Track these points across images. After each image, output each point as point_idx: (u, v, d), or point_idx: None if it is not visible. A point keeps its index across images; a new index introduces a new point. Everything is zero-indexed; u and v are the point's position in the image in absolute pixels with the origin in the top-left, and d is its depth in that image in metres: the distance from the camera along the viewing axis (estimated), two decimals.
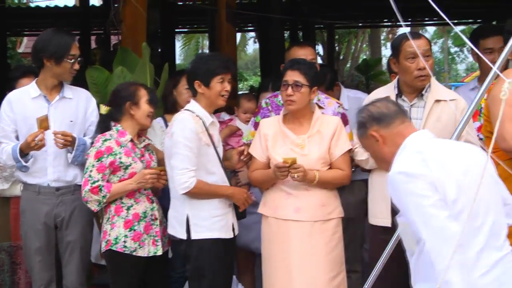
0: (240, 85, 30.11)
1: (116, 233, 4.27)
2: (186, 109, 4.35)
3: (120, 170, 4.30)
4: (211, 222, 4.30)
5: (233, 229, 4.40)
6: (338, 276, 4.32)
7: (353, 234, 5.07)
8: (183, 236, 4.28)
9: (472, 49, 5.00)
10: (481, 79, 5.12)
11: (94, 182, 4.25)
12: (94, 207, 4.31)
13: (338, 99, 5.47)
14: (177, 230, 4.32)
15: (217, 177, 4.34)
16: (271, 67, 9.43)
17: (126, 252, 4.26)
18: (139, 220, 4.30)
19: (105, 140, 4.31)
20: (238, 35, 27.32)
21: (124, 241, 4.25)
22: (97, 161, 4.27)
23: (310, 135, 4.35)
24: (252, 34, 29.12)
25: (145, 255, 4.30)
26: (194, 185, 4.19)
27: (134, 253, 4.27)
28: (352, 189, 5.14)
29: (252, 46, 38.21)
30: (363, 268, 5.66)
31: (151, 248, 4.32)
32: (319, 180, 4.26)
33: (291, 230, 4.29)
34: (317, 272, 4.26)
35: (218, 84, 4.27)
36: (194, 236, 4.25)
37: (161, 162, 4.49)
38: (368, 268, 4.68)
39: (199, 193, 4.24)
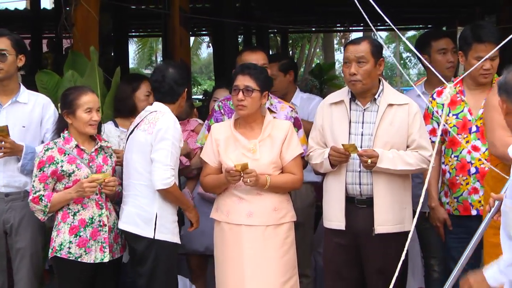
0: (194, 90, 30.07)
1: (61, 240, 4.22)
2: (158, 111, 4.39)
3: (64, 178, 4.25)
4: (174, 226, 4.35)
5: None
6: (290, 280, 4.32)
7: (302, 239, 5.08)
8: (149, 234, 4.26)
9: (421, 53, 5.06)
10: (428, 84, 5.19)
11: (35, 192, 4.23)
12: (40, 216, 4.29)
13: (292, 98, 5.52)
14: (141, 228, 4.29)
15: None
16: (225, 72, 9.42)
17: (70, 258, 4.21)
18: (85, 226, 4.25)
19: (47, 150, 4.27)
20: (192, 39, 27.28)
21: (69, 247, 4.20)
22: (39, 171, 4.24)
23: (261, 139, 4.35)
24: (207, 38, 29.13)
25: (91, 262, 4.25)
26: (173, 183, 4.24)
27: (79, 259, 4.22)
28: (300, 193, 5.16)
29: (206, 51, 38.23)
30: (315, 273, 5.70)
31: (98, 255, 4.26)
32: (270, 185, 4.26)
33: (243, 235, 4.29)
34: (270, 276, 4.26)
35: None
36: (158, 236, 4.26)
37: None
38: (322, 272, 4.71)
39: (172, 193, 4.28)
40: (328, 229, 4.37)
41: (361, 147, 4.20)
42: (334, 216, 4.30)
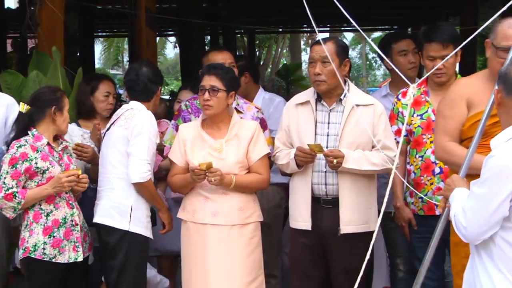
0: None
1: (34, 240, 4.19)
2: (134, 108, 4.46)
3: (37, 175, 4.22)
4: (147, 221, 4.44)
5: None
6: (256, 280, 4.34)
7: (269, 239, 5.09)
8: (124, 226, 4.34)
9: (385, 55, 5.10)
10: (392, 85, 5.24)
11: (8, 189, 4.17)
12: (9, 214, 4.22)
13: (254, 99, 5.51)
14: (116, 220, 4.36)
15: None
16: (192, 72, 9.40)
17: (45, 259, 4.19)
18: (58, 226, 4.23)
19: (20, 146, 4.22)
20: (158, 39, 27.17)
21: (43, 248, 4.18)
22: (12, 168, 4.18)
23: (228, 139, 4.36)
24: (173, 38, 29.02)
25: (65, 262, 4.25)
26: (149, 178, 4.31)
27: (53, 260, 4.21)
28: (267, 194, 5.16)
29: (173, 51, 38.10)
30: (283, 273, 5.71)
31: (72, 254, 4.27)
32: (236, 184, 4.28)
33: (208, 234, 4.30)
34: (235, 276, 4.27)
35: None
36: (133, 229, 4.34)
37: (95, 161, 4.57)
38: (288, 272, 4.72)
39: (148, 188, 4.37)
40: (294, 229, 4.39)
41: (327, 147, 4.22)
42: (300, 216, 4.32)
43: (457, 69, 4.62)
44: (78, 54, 11.78)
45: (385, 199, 3.01)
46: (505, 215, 2.87)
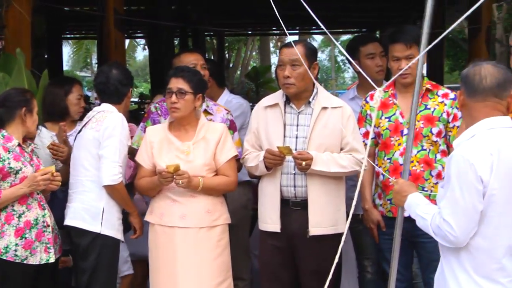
0: None
1: (6, 242, 4.17)
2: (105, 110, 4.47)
3: (10, 175, 4.19)
4: (118, 223, 4.44)
5: None
6: (224, 283, 4.33)
7: (237, 241, 5.09)
8: (95, 229, 4.33)
9: (352, 58, 5.13)
10: (360, 88, 5.27)
11: None
12: None
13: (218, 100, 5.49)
14: (88, 222, 4.36)
15: None
16: (161, 74, 9.35)
17: (17, 260, 4.17)
18: (30, 227, 4.22)
19: None
20: (128, 41, 27.05)
21: (15, 250, 4.17)
22: None
23: (195, 141, 4.36)
24: (143, 40, 28.89)
25: (37, 263, 4.23)
26: (120, 181, 4.33)
27: (25, 262, 4.19)
28: (232, 195, 5.14)
29: (142, 53, 37.94)
30: (251, 275, 5.71)
31: (43, 256, 4.25)
32: (203, 187, 4.27)
33: (176, 237, 4.29)
34: (203, 278, 4.27)
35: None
36: (104, 231, 4.35)
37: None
38: (258, 274, 4.72)
39: (119, 191, 4.38)
40: (263, 231, 4.39)
41: (295, 149, 4.23)
42: (269, 219, 4.32)
43: (424, 71, 4.65)
44: (46, 56, 11.67)
45: (354, 201, 3.02)
46: (481, 209, 2.94)
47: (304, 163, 4.13)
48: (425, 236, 3.40)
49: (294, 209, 4.27)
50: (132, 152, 4.65)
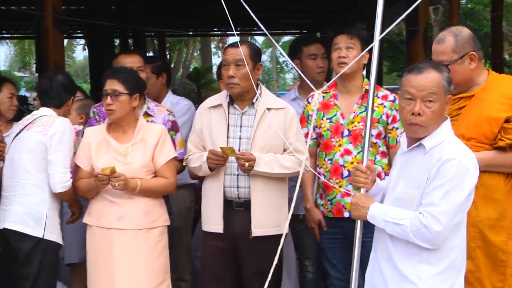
0: None
1: None
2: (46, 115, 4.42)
3: None
4: (59, 228, 4.42)
5: None
6: (162, 285, 4.32)
7: (180, 243, 5.07)
8: (38, 234, 4.29)
9: (294, 58, 5.18)
10: (301, 89, 5.31)
11: None
12: None
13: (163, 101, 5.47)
14: (30, 227, 4.30)
15: None
16: (101, 75, 9.25)
17: None
18: None
19: None
20: (66, 41, 26.66)
21: None
22: None
23: (134, 143, 4.33)
24: (82, 41, 28.51)
25: None
26: (70, 186, 4.31)
27: None
28: (176, 197, 5.13)
29: (82, 53, 37.43)
30: (194, 277, 5.70)
31: None
32: (141, 188, 4.25)
33: (114, 239, 4.26)
34: (141, 280, 4.25)
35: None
36: (47, 236, 4.31)
37: None
38: (200, 276, 4.72)
39: (68, 195, 4.37)
40: (206, 232, 4.38)
41: (239, 150, 4.24)
42: (213, 220, 4.32)
43: (364, 72, 4.70)
44: None
45: (293, 202, 3.05)
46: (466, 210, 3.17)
47: (247, 164, 4.14)
48: (366, 235, 3.46)
49: (237, 210, 4.28)
50: None
